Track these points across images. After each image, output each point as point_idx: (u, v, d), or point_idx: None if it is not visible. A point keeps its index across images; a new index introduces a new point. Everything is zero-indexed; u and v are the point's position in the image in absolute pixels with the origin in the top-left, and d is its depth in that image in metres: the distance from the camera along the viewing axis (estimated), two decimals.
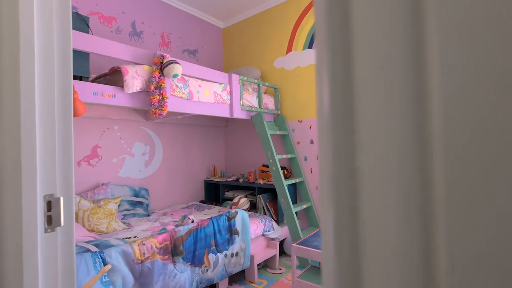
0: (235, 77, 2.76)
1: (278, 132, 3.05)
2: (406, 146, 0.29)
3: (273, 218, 2.92)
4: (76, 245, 1.64)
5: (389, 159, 0.30)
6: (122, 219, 2.51)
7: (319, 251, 1.83)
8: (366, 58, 0.31)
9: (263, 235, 2.67)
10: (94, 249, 1.61)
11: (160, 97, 2.05)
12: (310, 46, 3.09)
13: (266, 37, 3.49)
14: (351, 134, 0.33)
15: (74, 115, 1.54)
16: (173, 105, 2.19)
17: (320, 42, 0.35)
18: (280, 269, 2.64)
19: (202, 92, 2.42)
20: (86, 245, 1.67)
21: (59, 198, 0.77)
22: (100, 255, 1.57)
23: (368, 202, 0.32)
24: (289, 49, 3.27)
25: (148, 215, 2.73)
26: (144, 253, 1.72)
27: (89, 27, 1.86)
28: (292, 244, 1.96)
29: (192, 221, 2.16)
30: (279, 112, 3.28)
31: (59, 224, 0.76)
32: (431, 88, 0.28)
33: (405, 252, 0.29)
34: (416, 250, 0.29)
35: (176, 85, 2.23)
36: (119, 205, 2.53)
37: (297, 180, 2.99)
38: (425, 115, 0.28)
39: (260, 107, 3.00)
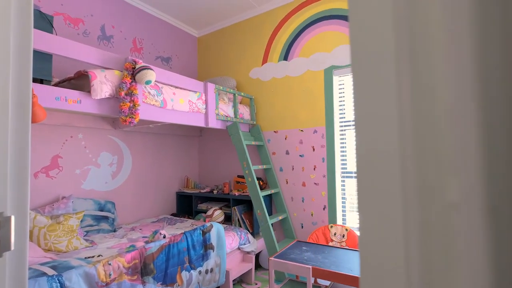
0: (211, 86, 2.71)
1: (253, 143, 3.02)
2: None
3: (248, 231, 2.85)
4: (30, 268, 1.45)
5: None
6: (84, 236, 2.30)
7: (297, 264, 1.79)
8: None
9: (238, 248, 2.58)
10: (51, 272, 1.44)
11: (131, 104, 1.93)
12: (285, 58, 3.14)
13: (242, 47, 3.49)
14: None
15: (33, 121, 1.39)
16: (145, 113, 2.08)
17: None
18: (256, 284, 2.55)
19: (177, 100, 2.33)
20: (41, 267, 1.48)
21: (9, 217, 0.65)
22: (58, 279, 1.40)
23: None
24: (264, 60, 3.29)
25: (114, 231, 2.53)
26: (110, 274, 1.57)
27: (53, 27, 1.72)
28: (270, 258, 1.90)
29: (164, 237, 2.02)
30: (254, 122, 3.26)
31: (8, 248, 0.65)
32: None
33: None
34: None
35: (149, 92, 2.13)
36: (81, 221, 2.32)
37: (272, 191, 2.96)
38: None
39: (235, 117, 2.96)
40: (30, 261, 1.57)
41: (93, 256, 1.80)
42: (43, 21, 1.66)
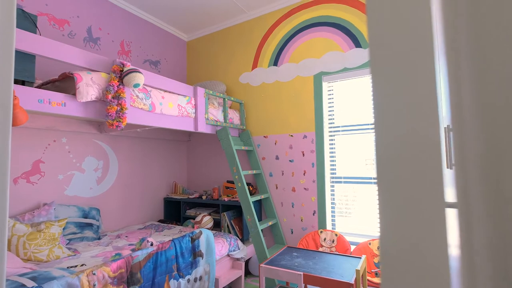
0: (201, 90, 2.68)
1: (243, 148, 3.00)
2: None
3: (238, 237, 2.81)
4: (7, 280, 1.37)
5: None
6: (67, 244, 2.20)
7: (288, 270, 1.77)
8: None
9: (228, 255, 2.54)
10: (30, 283, 1.36)
11: (119, 108, 1.88)
12: (275, 64, 3.15)
13: (232, 52, 3.49)
14: None
15: (14, 124, 1.33)
16: (133, 116, 2.03)
17: None
18: None
19: (166, 104, 2.29)
20: (20, 279, 1.40)
21: None
22: None
23: None
24: (254, 65, 3.29)
25: (99, 238, 2.44)
26: (94, 285, 1.50)
27: (36, 26, 1.66)
28: (261, 265, 1.87)
29: (152, 244, 1.96)
30: (244, 127, 3.24)
31: None
32: None
33: None
34: None
35: (137, 96, 2.08)
36: (64, 228, 2.23)
37: (262, 197, 2.94)
38: None
39: (225, 121, 2.94)
40: (8, 272, 1.48)
41: (76, 266, 1.72)
42: (26, 21, 1.60)
